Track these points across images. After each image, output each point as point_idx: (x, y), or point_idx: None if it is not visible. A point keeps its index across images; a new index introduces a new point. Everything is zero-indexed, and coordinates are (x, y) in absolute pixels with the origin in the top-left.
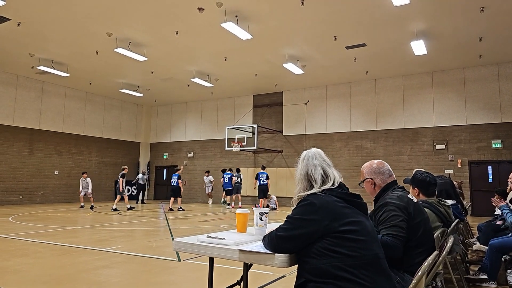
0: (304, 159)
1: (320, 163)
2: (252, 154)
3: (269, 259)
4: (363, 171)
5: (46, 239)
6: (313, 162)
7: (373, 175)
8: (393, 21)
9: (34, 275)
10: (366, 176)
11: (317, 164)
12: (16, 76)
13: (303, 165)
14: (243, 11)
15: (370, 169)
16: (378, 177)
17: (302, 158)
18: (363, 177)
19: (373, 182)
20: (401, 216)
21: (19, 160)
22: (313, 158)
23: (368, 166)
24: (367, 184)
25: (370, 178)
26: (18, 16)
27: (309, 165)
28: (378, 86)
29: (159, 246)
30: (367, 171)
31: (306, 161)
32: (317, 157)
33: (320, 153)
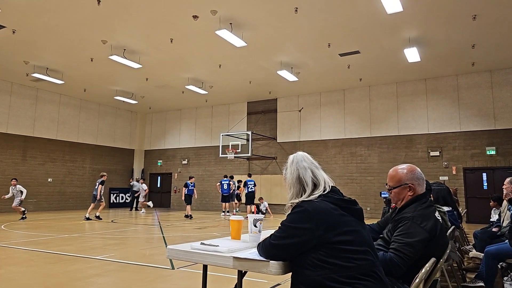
0: (292, 162)
1: (309, 166)
2: (246, 161)
3: (263, 266)
4: (397, 176)
5: (38, 247)
6: (303, 164)
7: (415, 181)
8: (387, 29)
9: (26, 283)
10: (406, 181)
11: (307, 167)
12: (11, 83)
13: (292, 168)
14: (237, 18)
15: (412, 174)
16: (420, 184)
17: (291, 162)
18: (399, 183)
19: (413, 189)
20: (420, 235)
21: (13, 168)
22: (302, 161)
23: (409, 170)
24: (403, 190)
25: (412, 184)
26: (13, 23)
27: (299, 168)
28: (372, 93)
29: (152, 254)
30: (408, 176)
31: (296, 165)
32: (306, 160)
33: (307, 156)
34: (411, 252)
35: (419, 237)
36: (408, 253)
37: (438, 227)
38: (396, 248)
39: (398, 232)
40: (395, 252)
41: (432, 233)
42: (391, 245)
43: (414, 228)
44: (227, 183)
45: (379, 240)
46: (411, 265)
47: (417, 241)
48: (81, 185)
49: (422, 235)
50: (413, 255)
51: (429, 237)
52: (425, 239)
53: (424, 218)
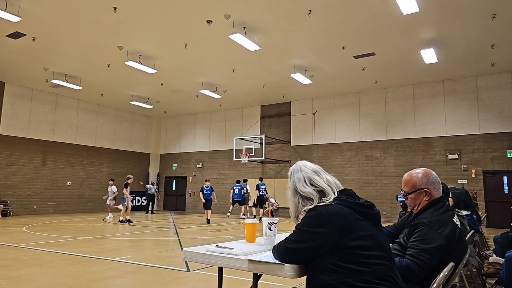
0: (290, 176)
1: (307, 174)
2: (260, 165)
3: (278, 269)
4: (412, 181)
5: (58, 248)
6: (298, 176)
7: (431, 185)
8: (402, 30)
9: (47, 284)
10: (421, 186)
11: (303, 177)
12: (31, 89)
13: (290, 183)
14: (250, 22)
15: (427, 178)
16: (436, 188)
17: (289, 175)
18: (414, 188)
19: (429, 193)
20: (438, 242)
21: (34, 171)
22: (298, 171)
23: (424, 175)
24: (419, 195)
25: (427, 189)
26: (33, 31)
27: (295, 181)
28: (388, 95)
29: (168, 256)
30: (423, 181)
31: (292, 178)
32: (303, 169)
33: (305, 164)
34: (428, 259)
35: (437, 243)
36: (425, 259)
37: (457, 233)
38: (412, 255)
39: (414, 238)
40: (411, 259)
41: (450, 239)
42: (408, 251)
43: (431, 234)
44: (239, 188)
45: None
46: (429, 271)
47: (434, 247)
48: (98, 188)
49: (440, 241)
50: (430, 261)
51: (447, 243)
52: (443, 245)
53: (442, 224)
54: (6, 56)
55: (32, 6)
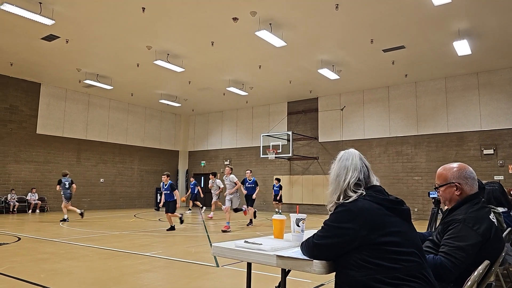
0: (339, 160)
1: (354, 166)
2: (287, 162)
3: (307, 265)
4: (444, 174)
5: (93, 243)
6: (344, 164)
7: (463, 180)
8: (434, 21)
9: (83, 277)
10: (452, 180)
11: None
12: (65, 90)
13: (336, 166)
14: (277, 18)
15: (459, 173)
16: (469, 183)
17: (338, 159)
18: (445, 181)
19: (460, 188)
20: (473, 239)
21: (69, 169)
22: (347, 160)
23: (458, 169)
24: (450, 189)
25: (458, 183)
26: (66, 33)
27: (341, 167)
28: (419, 89)
29: (197, 252)
30: (455, 175)
31: (339, 162)
32: (353, 159)
33: (356, 155)
34: (463, 257)
35: (472, 241)
36: (459, 257)
37: (493, 230)
38: (446, 252)
39: (448, 235)
40: (446, 256)
41: (486, 236)
42: (441, 248)
43: (466, 231)
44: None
45: (427, 242)
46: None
47: (469, 245)
48: (130, 185)
49: (475, 239)
50: (465, 259)
51: (483, 240)
52: (478, 243)
53: (477, 221)
54: (42, 58)
55: (65, 9)
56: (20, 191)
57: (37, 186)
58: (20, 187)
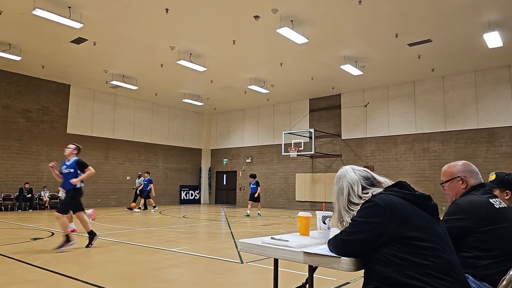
0: (335, 183)
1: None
2: (309, 159)
3: (334, 262)
4: (449, 170)
5: (122, 238)
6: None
7: (467, 174)
8: (462, 13)
9: (113, 271)
10: (458, 174)
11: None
12: (93, 90)
13: (334, 188)
14: (298, 15)
15: (464, 167)
16: (473, 176)
17: (334, 182)
18: (451, 176)
19: (466, 181)
20: (459, 214)
21: (97, 167)
22: (340, 179)
23: (463, 164)
24: (456, 183)
25: (464, 176)
26: (93, 36)
27: (340, 188)
28: (446, 84)
29: (222, 248)
30: (459, 169)
31: (336, 185)
32: (346, 175)
33: (351, 169)
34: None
35: (458, 216)
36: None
37: (492, 212)
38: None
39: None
40: None
41: (479, 216)
42: None
43: (457, 209)
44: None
45: None
46: (487, 259)
47: (455, 219)
48: (155, 183)
49: (462, 215)
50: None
51: (474, 218)
52: (466, 219)
53: (470, 202)
54: (71, 60)
55: (93, 13)
56: (52, 188)
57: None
58: (52, 184)
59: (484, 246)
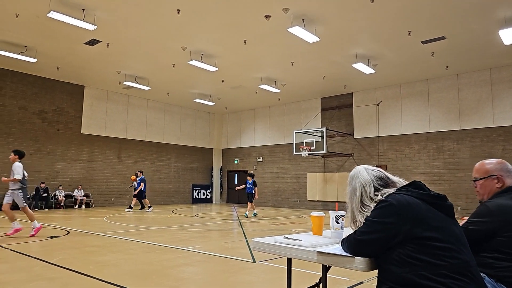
0: (348, 184)
1: (364, 181)
2: (321, 158)
3: (348, 262)
4: (484, 168)
5: (135, 237)
6: (355, 184)
7: (504, 172)
8: (476, 9)
9: (128, 269)
10: (494, 172)
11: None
12: (106, 91)
13: (348, 189)
14: (309, 14)
15: (501, 165)
16: (509, 176)
17: (347, 182)
18: (486, 174)
19: (502, 181)
20: (486, 217)
21: (111, 167)
22: (353, 180)
23: (498, 162)
24: (491, 181)
25: (500, 175)
26: (107, 37)
27: (351, 190)
28: (461, 82)
29: (234, 247)
30: (495, 167)
31: (349, 185)
32: (359, 175)
33: (363, 169)
34: (472, 230)
35: (485, 219)
36: (470, 229)
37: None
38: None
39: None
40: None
41: (508, 219)
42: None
43: (485, 211)
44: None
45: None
46: (506, 261)
47: (481, 221)
48: (167, 182)
49: (489, 217)
50: (474, 233)
51: (502, 220)
52: (493, 222)
53: (501, 205)
54: (85, 62)
55: (106, 15)
56: (67, 187)
57: (83, 183)
58: (67, 184)
59: (507, 250)
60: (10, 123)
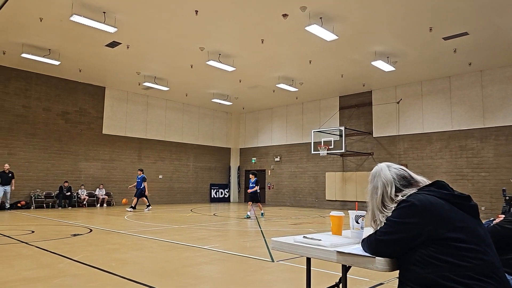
0: (369, 181)
1: (386, 179)
2: (340, 158)
3: (369, 262)
4: None
5: (155, 236)
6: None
7: None
8: (500, 3)
9: (149, 267)
10: None
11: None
12: (127, 92)
13: (369, 188)
14: (327, 12)
15: None
16: None
17: (369, 180)
18: None
19: None
20: None
21: (131, 166)
22: (375, 178)
23: None
24: None
25: None
26: (127, 39)
27: (373, 188)
28: (485, 79)
29: (252, 246)
30: None
31: (371, 183)
32: (381, 173)
33: (386, 166)
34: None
35: None
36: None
37: None
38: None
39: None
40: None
41: None
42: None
43: None
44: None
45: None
46: None
47: None
48: (186, 181)
49: None
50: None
51: None
52: None
53: None
54: (106, 63)
55: (126, 17)
56: (90, 186)
57: (104, 182)
58: (90, 183)
59: None
60: (35, 124)
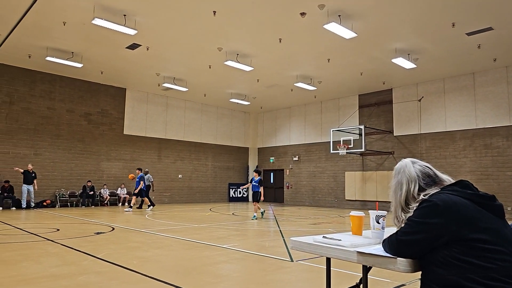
0: (393, 176)
1: (410, 176)
2: (359, 157)
3: (390, 263)
4: None
5: (176, 234)
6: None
7: None
8: None
9: (170, 265)
10: None
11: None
12: (146, 93)
13: (392, 182)
14: (346, 9)
15: None
16: None
17: (393, 175)
18: None
19: None
20: None
21: (151, 166)
22: (399, 173)
23: None
24: None
25: None
26: (147, 41)
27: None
28: (511, 75)
29: (271, 246)
30: None
31: (395, 178)
32: (406, 169)
33: (410, 162)
34: None
35: None
36: None
37: None
38: None
39: None
40: None
41: None
42: None
43: None
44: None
45: None
46: None
47: None
48: (205, 181)
49: None
50: None
51: None
52: None
53: None
54: (127, 65)
55: (146, 19)
56: (111, 186)
57: (125, 182)
58: (112, 182)
59: None
60: (59, 125)
